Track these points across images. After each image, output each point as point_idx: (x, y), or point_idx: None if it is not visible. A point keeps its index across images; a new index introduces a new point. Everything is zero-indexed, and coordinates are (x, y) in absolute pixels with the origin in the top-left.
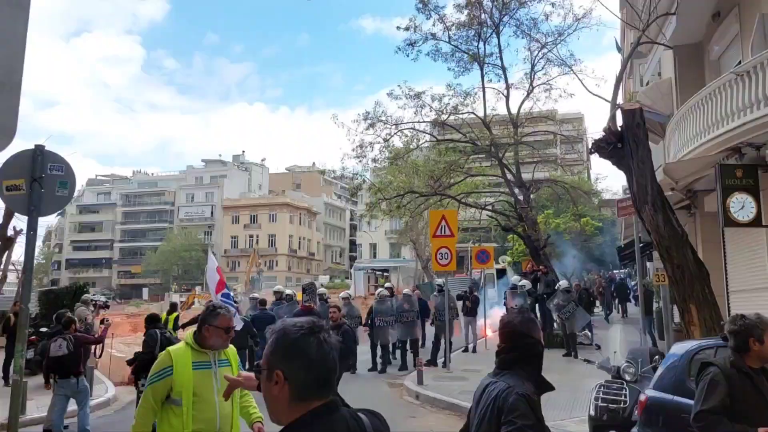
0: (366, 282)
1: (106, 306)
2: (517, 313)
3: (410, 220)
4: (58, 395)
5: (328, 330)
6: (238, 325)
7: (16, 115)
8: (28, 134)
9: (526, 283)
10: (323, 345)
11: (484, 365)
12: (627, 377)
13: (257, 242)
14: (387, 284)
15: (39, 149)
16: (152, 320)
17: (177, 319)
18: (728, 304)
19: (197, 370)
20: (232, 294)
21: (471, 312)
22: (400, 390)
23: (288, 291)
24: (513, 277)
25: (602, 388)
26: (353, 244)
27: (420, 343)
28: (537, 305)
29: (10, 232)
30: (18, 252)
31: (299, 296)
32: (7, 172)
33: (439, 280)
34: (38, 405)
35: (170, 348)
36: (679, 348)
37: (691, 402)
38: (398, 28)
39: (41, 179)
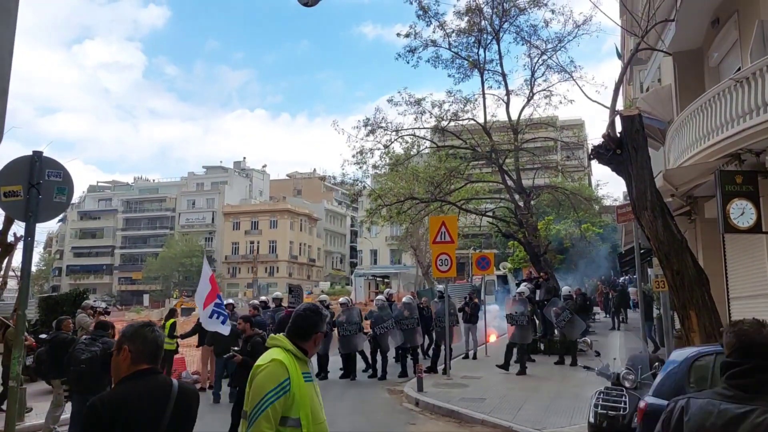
0: (366, 288)
1: (106, 312)
2: (758, 323)
3: (411, 226)
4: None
5: (156, 325)
6: (226, 331)
7: (3, 121)
8: (29, 141)
9: (524, 289)
10: (154, 332)
11: (485, 372)
12: (627, 384)
13: (258, 249)
14: (388, 290)
15: (37, 155)
16: (98, 327)
17: (174, 325)
18: (729, 310)
19: (307, 383)
20: (228, 302)
21: (471, 319)
22: (399, 397)
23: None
24: (522, 286)
25: (602, 395)
26: (354, 250)
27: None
28: (539, 311)
29: (10, 239)
30: (19, 258)
31: (306, 299)
32: (5, 179)
33: (440, 287)
34: (37, 412)
35: (277, 355)
36: (679, 355)
37: None
38: (398, 35)
39: (39, 185)
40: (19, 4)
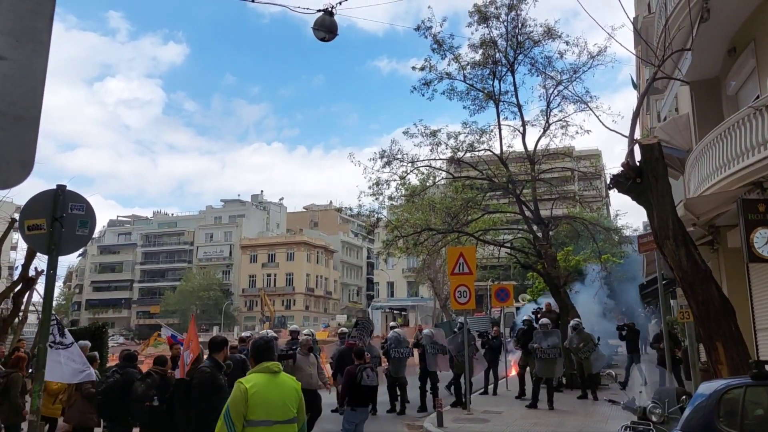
0: (384, 321)
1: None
2: None
3: (427, 257)
4: (348, 421)
5: None
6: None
7: (34, 149)
8: (51, 176)
9: (547, 321)
10: None
11: (506, 406)
12: (654, 418)
13: (275, 281)
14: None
15: (60, 189)
16: (125, 359)
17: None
18: (756, 341)
19: None
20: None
21: (493, 354)
22: None
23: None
24: (542, 319)
25: (629, 430)
26: (370, 283)
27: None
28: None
29: (31, 273)
30: (39, 293)
31: (322, 335)
32: (28, 212)
33: (460, 319)
34: None
35: None
36: (707, 388)
37: None
38: (414, 68)
39: (62, 218)
40: (51, 36)
